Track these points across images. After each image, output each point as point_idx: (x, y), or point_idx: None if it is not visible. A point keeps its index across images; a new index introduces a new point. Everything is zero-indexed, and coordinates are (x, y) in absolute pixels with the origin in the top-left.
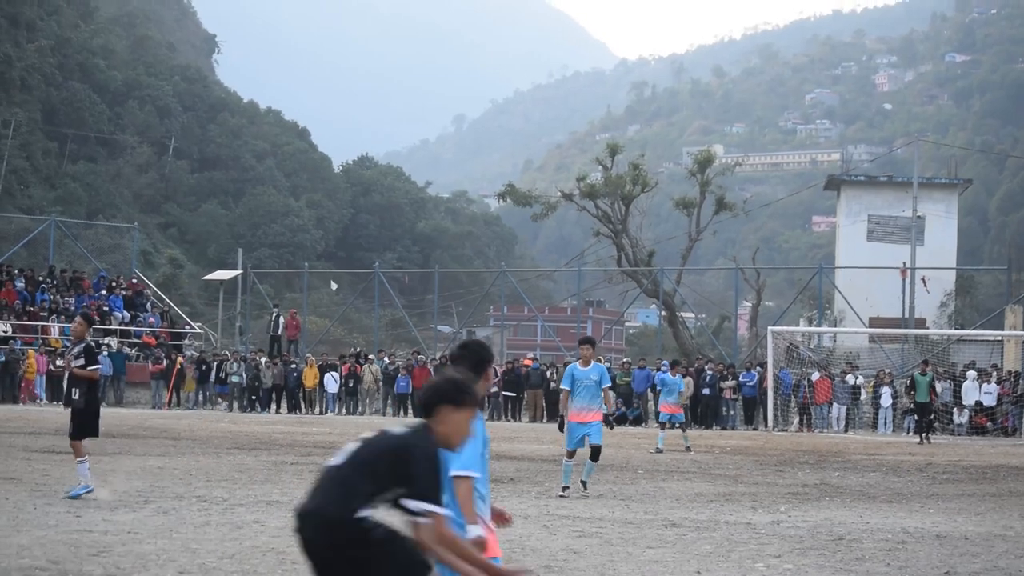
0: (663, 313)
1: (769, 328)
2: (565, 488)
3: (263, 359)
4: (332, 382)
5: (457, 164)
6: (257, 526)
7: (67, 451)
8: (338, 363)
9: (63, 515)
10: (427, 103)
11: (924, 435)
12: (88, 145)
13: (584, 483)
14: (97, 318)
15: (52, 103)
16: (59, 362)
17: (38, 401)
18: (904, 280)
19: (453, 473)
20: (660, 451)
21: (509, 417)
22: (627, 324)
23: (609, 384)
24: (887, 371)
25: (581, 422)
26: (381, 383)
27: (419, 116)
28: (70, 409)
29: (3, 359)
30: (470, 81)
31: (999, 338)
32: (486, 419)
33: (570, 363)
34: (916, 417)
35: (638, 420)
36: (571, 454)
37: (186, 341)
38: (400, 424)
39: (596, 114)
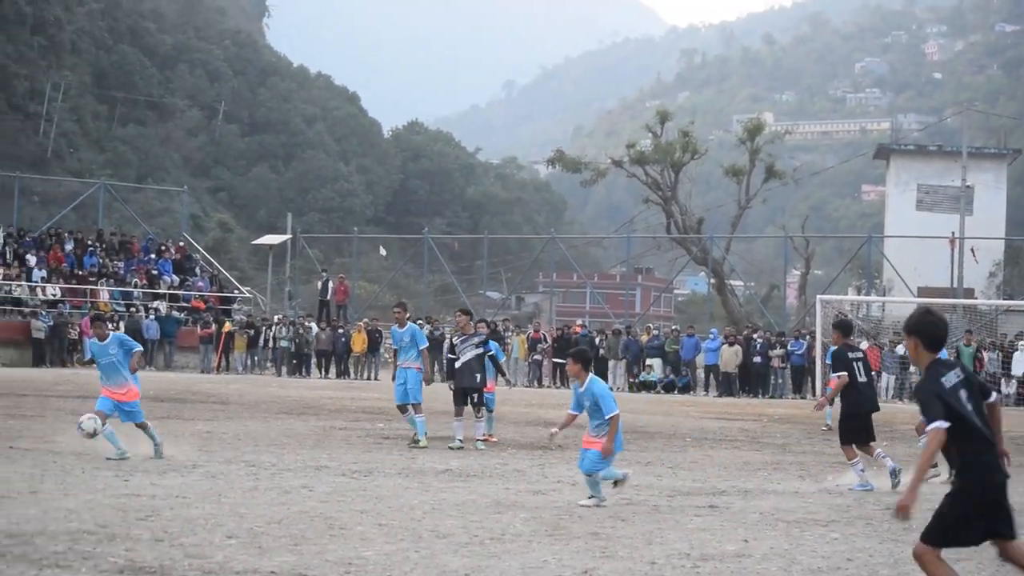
0: (712, 281)
1: (818, 296)
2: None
3: (311, 324)
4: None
5: (507, 130)
6: (305, 491)
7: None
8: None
9: (111, 479)
10: (477, 69)
11: None
12: (138, 108)
13: None
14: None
15: (102, 66)
16: None
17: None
18: (953, 250)
19: None
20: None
21: (558, 384)
22: (676, 292)
23: None
24: None
25: None
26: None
27: (469, 82)
28: None
29: (52, 323)
30: (520, 47)
31: None
32: (535, 386)
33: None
34: None
35: (686, 388)
36: None
37: (235, 305)
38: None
39: (646, 81)
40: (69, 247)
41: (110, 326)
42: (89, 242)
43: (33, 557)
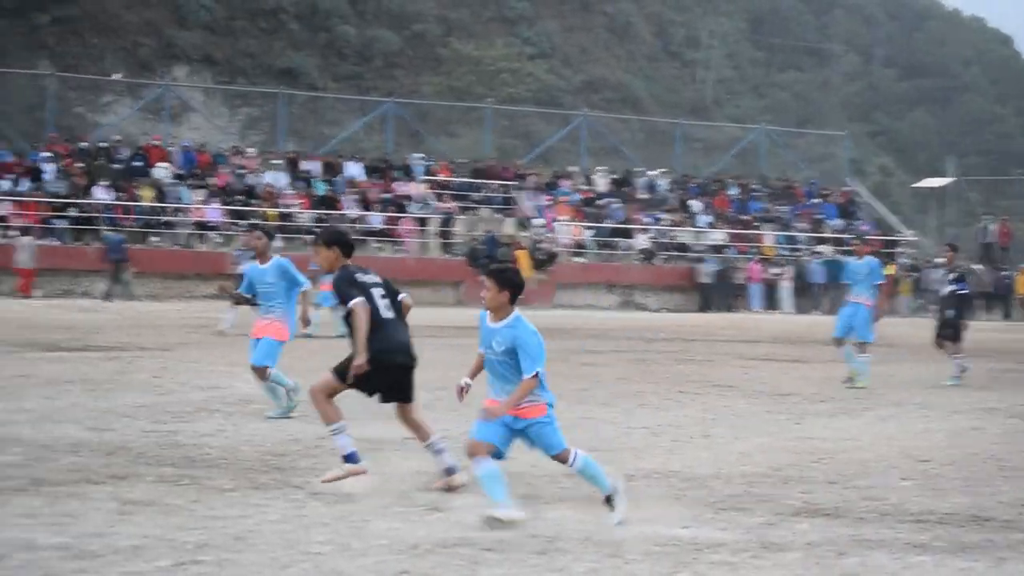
0: None
1: None
2: None
3: (975, 266)
4: None
5: None
6: (976, 432)
7: (780, 359)
8: None
9: (784, 422)
10: None
11: None
12: (795, 54)
13: None
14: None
15: (758, 13)
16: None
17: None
18: None
19: None
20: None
21: None
22: None
23: None
24: None
25: None
26: None
27: None
28: None
29: (718, 268)
30: None
31: None
32: None
33: None
34: None
35: None
36: None
37: (899, 248)
38: None
39: None
40: (733, 192)
41: (273, 244)
42: (753, 187)
43: (708, 500)
